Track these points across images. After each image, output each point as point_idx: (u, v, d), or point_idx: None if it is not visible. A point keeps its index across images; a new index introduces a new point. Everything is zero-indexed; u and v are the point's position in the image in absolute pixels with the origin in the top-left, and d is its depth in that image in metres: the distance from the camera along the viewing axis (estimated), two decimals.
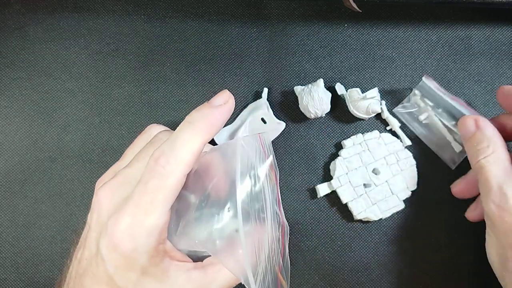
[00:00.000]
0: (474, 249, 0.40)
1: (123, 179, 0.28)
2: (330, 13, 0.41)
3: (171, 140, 0.28)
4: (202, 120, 0.28)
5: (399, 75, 0.41)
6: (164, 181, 0.27)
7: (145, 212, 0.26)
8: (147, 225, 0.26)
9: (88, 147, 0.41)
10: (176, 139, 0.28)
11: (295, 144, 0.41)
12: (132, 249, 0.26)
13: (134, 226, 0.26)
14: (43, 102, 0.41)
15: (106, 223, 0.27)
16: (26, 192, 0.40)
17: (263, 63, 0.41)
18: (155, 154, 0.27)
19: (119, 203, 0.27)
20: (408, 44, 0.41)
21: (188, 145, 0.27)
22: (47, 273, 0.40)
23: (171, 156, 0.27)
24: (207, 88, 0.41)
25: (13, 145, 0.41)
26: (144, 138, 0.32)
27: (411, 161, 0.40)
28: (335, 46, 0.41)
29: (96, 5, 0.42)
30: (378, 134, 0.40)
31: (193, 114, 0.29)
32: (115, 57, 0.41)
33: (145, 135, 0.33)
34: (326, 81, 0.40)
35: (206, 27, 0.41)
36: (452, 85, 0.41)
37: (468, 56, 0.41)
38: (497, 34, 0.41)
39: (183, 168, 0.27)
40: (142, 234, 0.26)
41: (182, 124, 0.29)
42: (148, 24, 0.41)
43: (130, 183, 0.28)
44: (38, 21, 0.41)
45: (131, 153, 0.31)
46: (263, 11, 0.41)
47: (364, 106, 0.38)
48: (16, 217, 0.40)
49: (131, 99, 0.41)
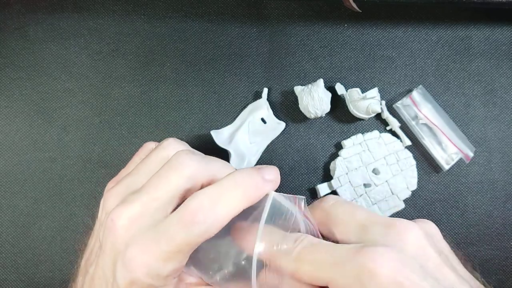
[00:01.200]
0: (476, 251, 0.40)
1: (142, 209, 0.26)
2: (330, 13, 0.41)
3: (214, 195, 0.25)
4: (251, 189, 0.26)
5: (399, 75, 0.41)
6: (193, 238, 0.25)
7: (166, 259, 0.25)
8: (166, 269, 0.25)
9: (88, 147, 0.41)
10: (221, 198, 0.25)
11: (295, 144, 0.41)
12: (149, 286, 0.25)
13: (152, 266, 0.25)
14: (43, 102, 0.41)
15: (124, 253, 0.25)
16: (26, 192, 0.40)
17: (263, 63, 0.41)
18: (192, 205, 0.25)
19: (138, 235, 0.26)
20: (408, 44, 0.41)
21: (231, 210, 0.25)
22: (47, 273, 0.40)
23: (209, 216, 0.25)
24: (207, 88, 0.41)
25: (13, 145, 0.41)
26: (157, 155, 0.30)
27: (411, 161, 0.40)
28: (335, 46, 0.41)
29: (96, 5, 0.42)
30: (378, 134, 0.40)
31: (243, 178, 0.26)
32: (115, 57, 0.41)
33: (153, 151, 0.30)
34: (326, 81, 0.40)
35: (206, 27, 0.41)
36: (451, 85, 0.41)
37: (468, 56, 0.41)
38: (497, 34, 0.41)
39: (216, 231, 0.25)
40: (159, 275, 0.25)
41: (229, 182, 0.26)
42: (148, 24, 0.41)
43: (150, 216, 0.26)
44: (38, 21, 0.41)
45: (143, 168, 0.29)
46: (263, 11, 0.41)
47: (364, 106, 0.38)
48: (16, 217, 0.40)
49: (131, 99, 0.41)
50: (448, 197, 0.40)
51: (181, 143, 0.31)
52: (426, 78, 0.41)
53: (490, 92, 0.41)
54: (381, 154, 0.39)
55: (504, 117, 0.41)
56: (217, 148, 0.40)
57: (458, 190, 0.40)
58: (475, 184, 0.40)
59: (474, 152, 0.40)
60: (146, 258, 0.25)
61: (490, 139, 0.40)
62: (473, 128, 0.41)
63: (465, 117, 0.41)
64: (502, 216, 0.40)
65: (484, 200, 0.40)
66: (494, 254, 0.40)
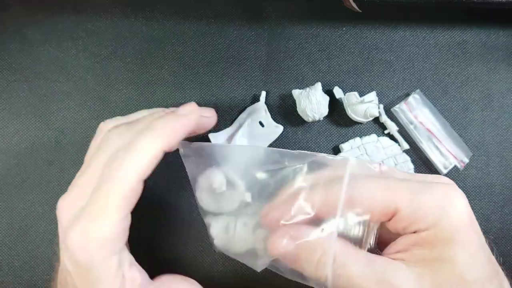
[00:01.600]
0: None
1: (79, 189, 0.28)
2: (328, 17, 0.41)
3: (127, 144, 0.27)
4: (164, 127, 0.28)
5: (397, 79, 0.41)
6: (116, 186, 0.25)
7: (97, 220, 0.25)
8: (100, 234, 0.25)
9: (85, 150, 0.40)
10: (133, 143, 0.27)
11: (293, 148, 0.40)
12: (87, 260, 0.25)
13: (87, 236, 0.25)
14: (41, 105, 0.41)
15: (64, 236, 0.26)
16: (23, 195, 0.40)
17: (261, 66, 0.41)
18: (110, 159, 0.26)
19: (76, 213, 0.26)
20: (406, 48, 0.41)
21: (146, 151, 0.26)
22: (45, 276, 0.40)
23: (125, 160, 0.26)
24: (205, 91, 0.41)
25: (10, 148, 0.41)
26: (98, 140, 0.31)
27: (409, 165, 0.40)
28: (333, 50, 0.41)
29: (94, 7, 0.41)
30: (376, 138, 0.40)
31: (155, 120, 0.28)
32: (113, 59, 0.41)
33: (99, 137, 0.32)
34: (324, 84, 0.40)
35: (204, 30, 0.41)
36: (449, 89, 0.41)
37: (465, 61, 0.41)
38: (493, 40, 0.41)
39: (137, 174, 0.26)
40: (94, 244, 0.25)
41: (142, 129, 0.28)
42: (146, 27, 0.41)
43: (86, 193, 0.27)
44: (36, 23, 0.41)
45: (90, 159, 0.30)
46: (261, 14, 0.41)
47: (362, 110, 0.38)
48: (13, 220, 0.40)
49: (129, 101, 0.41)
50: None
51: (115, 121, 0.32)
52: (424, 82, 0.41)
53: (487, 97, 0.41)
54: (379, 158, 0.39)
55: (502, 121, 0.41)
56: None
57: None
58: (473, 188, 0.40)
59: (472, 156, 0.40)
60: (78, 228, 0.26)
61: (488, 143, 0.41)
62: (471, 132, 0.41)
63: (463, 121, 0.41)
64: (500, 220, 0.40)
65: (482, 204, 0.40)
66: None
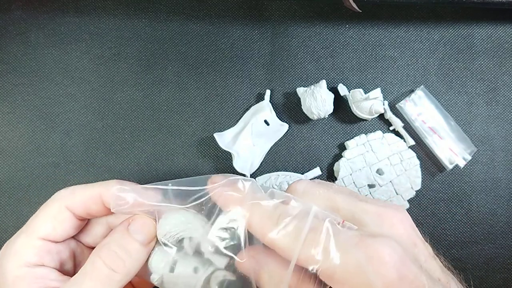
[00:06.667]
0: (481, 250, 0.40)
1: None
2: (331, 14, 0.41)
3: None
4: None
5: (402, 75, 0.41)
6: (39, 217, 0.32)
7: (19, 236, 0.30)
8: (16, 245, 0.29)
9: (91, 152, 0.41)
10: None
11: (298, 146, 0.41)
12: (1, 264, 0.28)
13: (7, 246, 0.29)
14: (46, 108, 0.41)
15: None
16: (30, 198, 0.40)
17: (265, 65, 0.41)
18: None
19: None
20: (410, 43, 0.41)
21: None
22: None
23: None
24: (209, 91, 0.41)
25: (16, 151, 0.41)
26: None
27: (414, 161, 0.40)
28: (337, 47, 0.41)
29: (97, 9, 0.41)
30: (381, 135, 0.40)
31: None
32: (117, 61, 0.41)
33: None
34: (328, 82, 0.40)
35: (207, 30, 0.41)
36: (454, 84, 0.41)
37: (471, 55, 0.41)
38: (499, 32, 0.41)
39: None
40: (8, 251, 0.29)
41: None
42: (150, 28, 0.41)
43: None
44: (40, 26, 0.41)
45: None
46: (265, 13, 0.41)
47: (367, 107, 0.38)
48: (21, 223, 0.40)
49: (134, 103, 0.41)
50: (452, 196, 0.40)
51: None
52: (429, 77, 0.41)
53: (493, 91, 0.41)
54: (385, 154, 0.39)
55: (507, 116, 0.41)
56: (220, 151, 0.40)
57: (462, 189, 0.40)
58: (479, 183, 0.40)
59: (477, 151, 0.40)
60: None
61: (493, 138, 0.40)
62: (476, 127, 0.41)
63: (468, 115, 0.41)
64: (506, 214, 0.40)
65: (488, 198, 0.40)
66: (498, 252, 0.40)
